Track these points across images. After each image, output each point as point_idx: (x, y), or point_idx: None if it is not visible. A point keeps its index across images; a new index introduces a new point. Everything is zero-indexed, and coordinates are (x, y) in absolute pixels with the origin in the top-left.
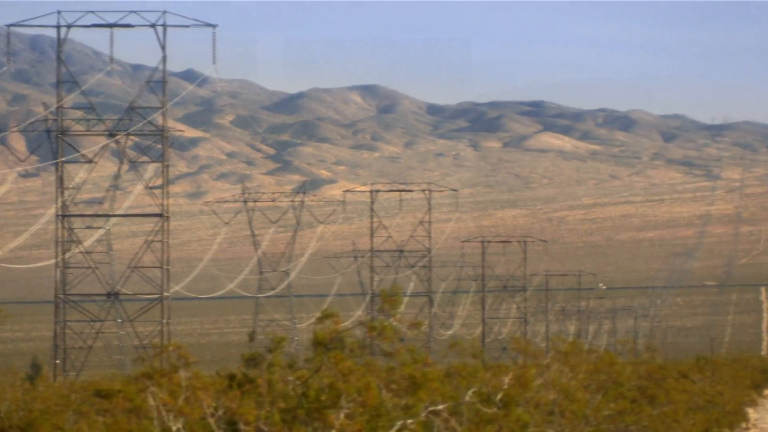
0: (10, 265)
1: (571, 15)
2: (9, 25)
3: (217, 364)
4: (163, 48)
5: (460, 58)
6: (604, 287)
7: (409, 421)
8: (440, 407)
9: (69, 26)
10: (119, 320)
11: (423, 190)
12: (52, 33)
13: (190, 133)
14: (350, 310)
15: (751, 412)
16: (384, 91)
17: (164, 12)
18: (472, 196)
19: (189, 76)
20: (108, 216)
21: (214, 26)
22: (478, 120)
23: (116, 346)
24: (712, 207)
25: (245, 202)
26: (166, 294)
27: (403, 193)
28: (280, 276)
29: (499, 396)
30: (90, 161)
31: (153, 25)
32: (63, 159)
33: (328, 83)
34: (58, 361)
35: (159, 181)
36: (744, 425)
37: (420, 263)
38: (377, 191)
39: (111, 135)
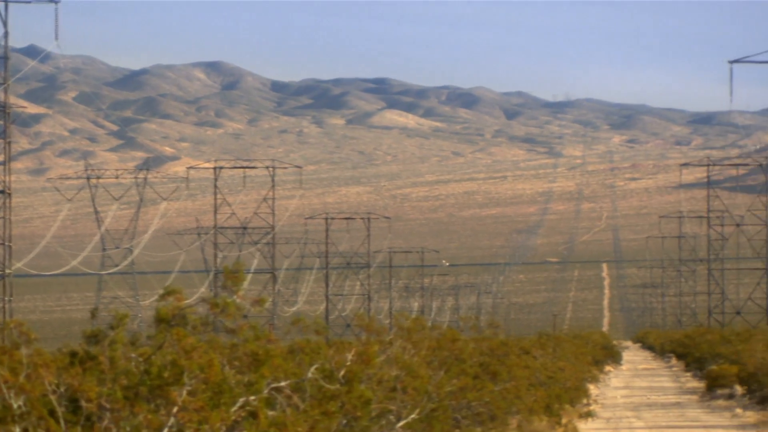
0: None
1: None
2: None
3: (60, 341)
4: (5, 23)
5: (304, 35)
6: (447, 264)
7: (252, 397)
8: (283, 384)
9: None
10: None
11: (267, 167)
12: None
13: (32, 109)
14: (194, 287)
15: (593, 388)
16: (227, 68)
17: None
18: (315, 173)
19: (31, 52)
20: None
21: (56, 2)
22: (322, 97)
23: None
24: (554, 184)
25: (88, 178)
26: (8, 271)
27: (246, 170)
28: (124, 253)
29: (342, 372)
30: None
31: None
32: None
33: (172, 59)
34: None
35: (1, 158)
36: (585, 401)
37: (264, 240)
38: (221, 168)
39: None
